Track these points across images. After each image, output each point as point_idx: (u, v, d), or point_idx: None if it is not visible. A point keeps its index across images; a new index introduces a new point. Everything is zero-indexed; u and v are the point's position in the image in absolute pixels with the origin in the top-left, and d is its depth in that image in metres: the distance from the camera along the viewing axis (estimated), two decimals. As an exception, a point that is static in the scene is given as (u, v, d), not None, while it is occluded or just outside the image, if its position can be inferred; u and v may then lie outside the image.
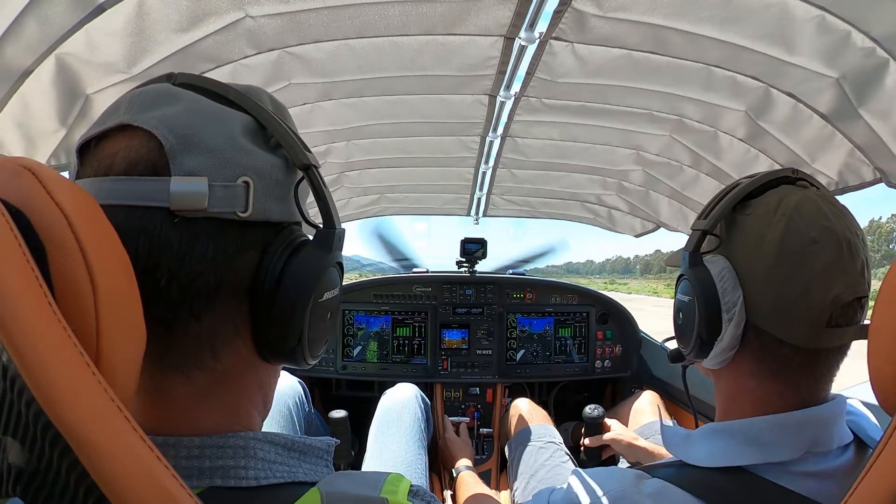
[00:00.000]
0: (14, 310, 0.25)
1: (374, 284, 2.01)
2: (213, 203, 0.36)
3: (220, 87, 0.41)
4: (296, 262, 0.39)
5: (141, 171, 0.36)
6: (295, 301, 0.39)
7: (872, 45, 0.84)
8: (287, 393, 1.39)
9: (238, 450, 0.39)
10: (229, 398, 0.41)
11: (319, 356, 0.44)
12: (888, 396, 0.40)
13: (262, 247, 0.39)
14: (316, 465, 0.44)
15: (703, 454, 0.58)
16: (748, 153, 1.29)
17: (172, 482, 0.28)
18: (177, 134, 0.36)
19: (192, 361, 0.38)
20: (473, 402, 1.96)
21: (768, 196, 0.58)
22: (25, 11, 0.70)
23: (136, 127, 0.36)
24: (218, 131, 0.38)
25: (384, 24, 1.00)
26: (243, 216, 0.37)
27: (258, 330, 0.40)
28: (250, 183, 0.37)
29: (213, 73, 1.01)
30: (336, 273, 0.44)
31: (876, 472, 0.37)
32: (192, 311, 0.37)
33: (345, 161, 1.72)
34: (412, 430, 1.39)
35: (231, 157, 0.37)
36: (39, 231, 0.29)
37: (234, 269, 0.38)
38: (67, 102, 0.84)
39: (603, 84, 1.22)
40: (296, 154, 0.40)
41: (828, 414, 0.56)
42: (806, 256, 0.53)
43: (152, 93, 0.39)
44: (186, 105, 0.38)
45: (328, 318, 0.44)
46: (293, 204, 0.41)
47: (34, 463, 0.28)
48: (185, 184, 0.35)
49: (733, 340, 0.57)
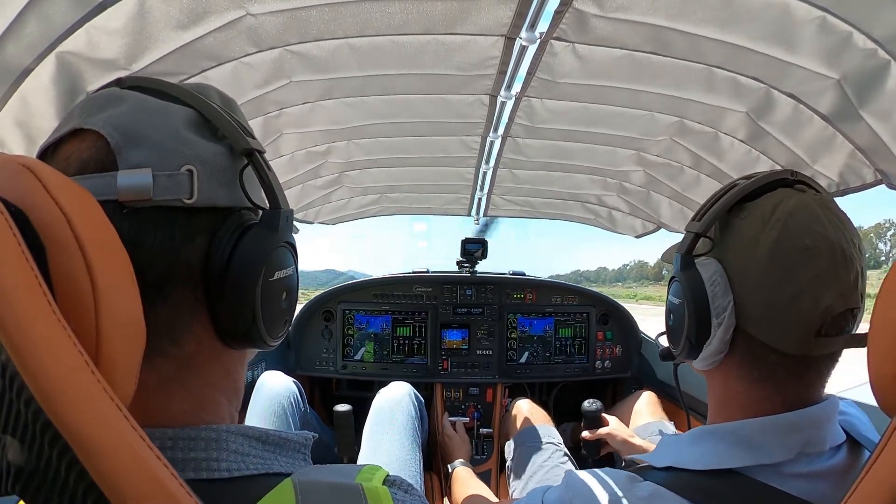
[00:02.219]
0: (13, 309, 0.25)
1: (374, 284, 2.01)
2: (157, 191, 0.37)
3: (164, 86, 0.43)
4: (243, 244, 0.40)
5: (92, 169, 0.38)
6: (244, 281, 0.40)
7: (874, 47, 0.84)
8: (281, 393, 1.39)
9: (210, 441, 0.39)
10: (195, 385, 0.42)
11: (281, 336, 0.46)
12: (888, 396, 0.40)
13: (211, 232, 0.40)
14: (293, 459, 0.45)
15: (693, 457, 0.57)
16: (749, 154, 1.29)
17: (172, 481, 0.28)
18: (122, 132, 0.38)
19: (153, 349, 0.39)
20: (473, 402, 1.96)
21: (764, 199, 0.57)
22: (26, 10, 0.70)
23: (87, 129, 0.38)
24: (161, 125, 0.40)
25: (385, 22, 1.00)
26: (189, 202, 0.38)
27: (214, 314, 0.41)
28: (193, 171, 0.39)
29: (214, 71, 1.01)
30: (287, 252, 0.45)
31: (875, 474, 0.37)
32: (147, 299, 0.37)
33: (345, 161, 1.72)
34: (406, 429, 1.39)
35: (174, 148, 0.39)
36: (39, 230, 0.29)
37: (184, 256, 0.39)
38: (68, 101, 0.84)
39: (604, 84, 1.21)
40: (237, 140, 0.42)
41: (820, 415, 0.56)
42: (798, 264, 0.53)
43: (101, 97, 0.41)
44: (131, 104, 0.40)
45: (283, 298, 0.45)
46: (239, 189, 0.43)
47: (33, 461, 0.27)
48: (130, 176, 0.37)
49: (722, 345, 0.57)
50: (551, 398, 2.09)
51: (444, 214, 2.46)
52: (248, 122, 0.50)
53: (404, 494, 0.44)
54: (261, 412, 1.36)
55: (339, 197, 2.05)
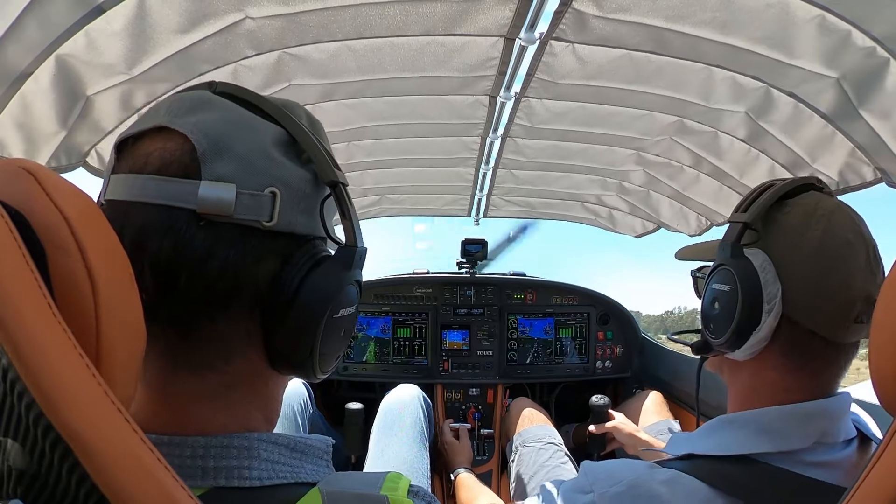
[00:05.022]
0: (14, 312, 0.25)
1: (374, 285, 2.00)
2: (238, 210, 0.37)
3: (257, 99, 0.42)
4: (314, 276, 0.40)
5: (173, 172, 0.37)
6: (309, 315, 0.39)
7: (873, 45, 0.84)
8: (292, 395, 1.39)
9: (242, 450, 0.39)
10: (238, 402, 0.41)
11: (330, 372, 0.45)
12: (890, 395, 0.40)
13: (284, 257, 0.39)
14: (317, 466, 0.44)
15: (712, 444, 0.60)
16: (749, 153, 1.29)
17: (173, 483, 0.28)
18: (210, 139, 0.37)
19: (205, 363, 0.39)
20: (474, 403, 1.96)
21: (804, 198, 0.61)
22: (26, 12, 0.70)
23: (173, 130, 0.38)
24: (250, 141, 0.39)
25: (384, 24, 1.00)
26: (268, 226, 0.38)
27: (270, 339, 0.40)
28: (277, 193, 0.38)
29: (213, 75, 1.01)
30: (354, 291, 0.44)
31: (878, 471, 0.37)
32: (208, 313, 0.37)
33: (345, 162, 1.72)
34: (414, 431, 1.39)
35: (261, 167, 0.38)
36: (39, 233, 0.29)
37: (254, 276, 0.38)
38: (68, 104, 0.84)
39: (603, 85, 1.21)
40: (324, 170, 0.41)
41: (837, 406, 0.59)
42: (843, 255, 0.57)
43: (191, 99, 0.40)
44: (222, 113, 0.39)
45: (342, 335, 0.44)
46: (318, 219, 0.42)
47: (35, 465, 0.27)
48: (214, 189, 0.36)
49: (769, 332, 0.59)
50: (552, 399, 2.09)
51: (445, 215, 2.46)
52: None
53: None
54: None
55: None
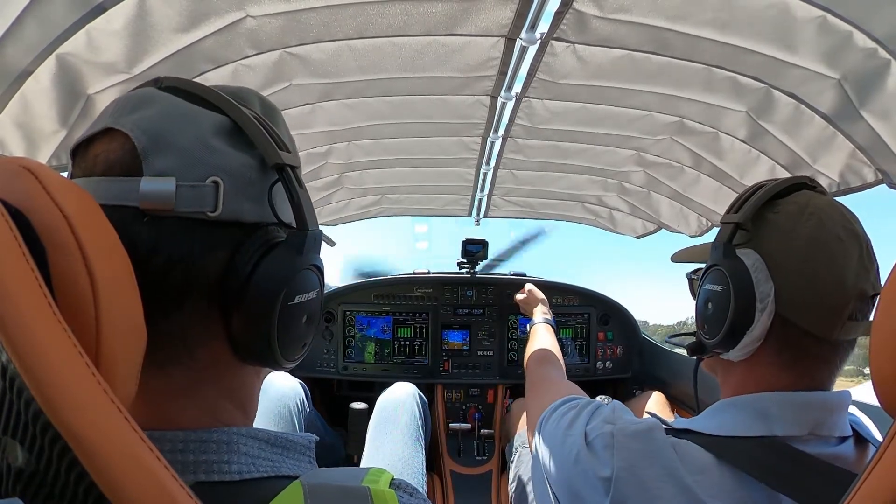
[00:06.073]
0: (14, 310, 0.25)
1: (375, 285, 2.01)
2: (180, 203, 0.36)
3: (199, 89, 0.41)
4: (265, 263, 0.39)
5: (117, 171, 0.37)
6: (263, 302, 0.39)
7: (874, 46, 0.84)
8: (288, 394, 1.39)
9: (221, 444, 0.39)
10: (209, 395, 0.41)
11: (298, 359, 0.44)
12: (890, 397, 0.40)
13: (234, 247, 0.39)
14: (299, 461, 0.44)
15: (713, 424, 0.61)
16: (749, 154, 1.29)
17: (171, 481, 0.28)
18: (150, 135, 0.37)
19: (169, 359, 0.39)
20: (474, 403, 1.96)
21: (795, 197, 0.62)
22: (26, 11, 0.70)
23: (117, 130, 0.38)
24: (189, 132, 0.38)
25: (385, 23, 1.00)
26: (213, 216, 0.37)
27: (230, 330, 0.40)
28: (220, 183, 0.38)
29: (214, 74, 1.01)
30: (312, 275, 0.43)
31: (878, 473, 0.37)
32: (162, 310, 0.37)
33: (345, 162, 1.72)
34: (409, 429, 1.40)
35: (200, 157, 0.38)
36: (39, 232, 0.29)
37: (203, 268, 0.38)
38: (68, 103, 0.84)
39: (604, 85, 1.21)
40: (269, 153, 0.40)
41: (833, 400, 0.59)
42: (834, 252, 0.57)
43: (136, 97, 0.40)
44: (161, 107, 0.39)
45: (304, 321, 0.43)
46: (267, 204, 0.41)
47: (34, 463, 0.28)
48: (154, 184, 0.36)
49: (763, 331, 0.59)
50: None
51: (445, 215, 2.46)
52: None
53: (409, 497, 0.44)
54: (267, 413, 1.36)
55: (340, 198, 2.05)
